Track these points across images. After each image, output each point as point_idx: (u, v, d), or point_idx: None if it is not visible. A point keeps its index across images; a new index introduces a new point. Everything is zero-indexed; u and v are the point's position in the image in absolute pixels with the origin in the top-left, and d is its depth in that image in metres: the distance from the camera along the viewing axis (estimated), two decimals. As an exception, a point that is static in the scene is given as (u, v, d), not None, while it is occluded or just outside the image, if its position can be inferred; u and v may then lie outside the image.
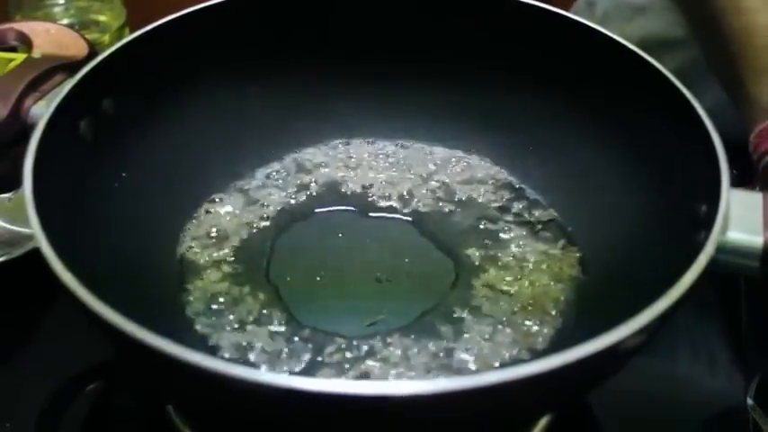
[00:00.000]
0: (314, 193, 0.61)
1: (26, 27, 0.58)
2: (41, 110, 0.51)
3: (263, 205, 0.59)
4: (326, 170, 0.62)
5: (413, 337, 0.50)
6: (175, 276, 0.54)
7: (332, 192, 0.61)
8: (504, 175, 0.62)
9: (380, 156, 0.63)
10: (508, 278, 0.54)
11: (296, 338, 0.50)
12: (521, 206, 0.59)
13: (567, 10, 0.58)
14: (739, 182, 0.46)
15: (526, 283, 0.54)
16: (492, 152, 0.63)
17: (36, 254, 0.40)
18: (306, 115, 0.63)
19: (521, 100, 0.61)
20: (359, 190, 0.61)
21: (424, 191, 0.61)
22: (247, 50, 0.60)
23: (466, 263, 0.55)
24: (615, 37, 0.55)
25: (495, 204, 0.60)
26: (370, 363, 0.49)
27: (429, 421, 0.38)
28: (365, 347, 0.50)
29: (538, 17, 0.58)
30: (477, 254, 0.56)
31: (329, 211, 0.60)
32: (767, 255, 0.44)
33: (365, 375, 0.48)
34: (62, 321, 0.59)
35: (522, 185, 0.61)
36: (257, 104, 0.61)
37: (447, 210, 0.59)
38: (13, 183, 0.45)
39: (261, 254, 0.56)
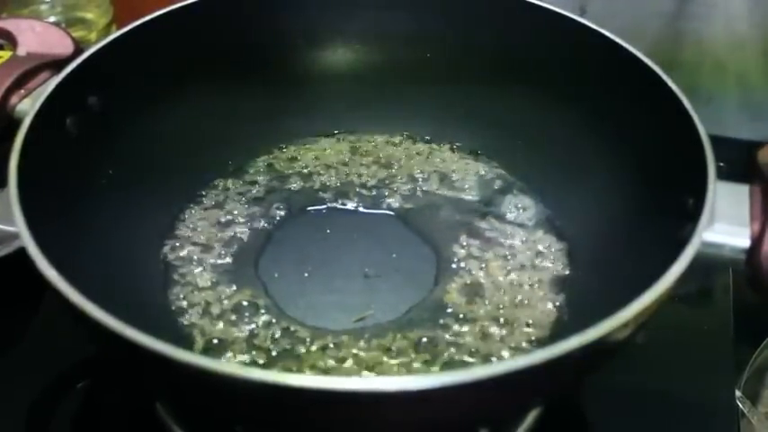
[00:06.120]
0: (302, 189, 0.60)
1: (11, 24, 0.57)
2: (27, 107, 0.51)
3: (250, 202, 0.59)
4: (314, 166, 0.62)
5: (401, 332, 0.50)
6: (162, 273, 0.54)
7: (320, 187, 0.61)
8: (492, 169, 0.62)
9: (369, 151, 0.63)
10: (496, 272, 0.54)
11: (284, 334, 0.50)
12: (508, 200, 0.59)
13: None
14: (726, 174, 0.46)
15: (514, 277, 0.54)
16: (480, 146, 0.63)
17: (22, 252, 0.40)
18: (293, 111, 0.63)
19: (509, 95, 0.61)
20: (346, 185, 0.61)
21: (412, 186, 0.61)
22: (234, 47, 0.60)
23: (454, 257, 0.55)
24: (604, 32, 0.55)
25: (483, 198, 0.60)
26: (358, 358, 0.49)
27: (417, 416, 0.38)
28: (353, 343, 0.50)
29: (526, 12, 0.58)
30: (465, 248, 0.56)
31: (317, 206, 0.60)
32: (754, 247, 0.44)
33: (353, 371, 0.48)
34: (50, 320, 0.59)
35: (510, 179, 0.61)
36: (244, 101, 0.61)
37: (435, 204, 0.60)
38: (-1, 181, 0.45)
39: (249, 250, 0.56)
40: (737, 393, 0.54)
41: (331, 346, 0.50)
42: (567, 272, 0.54)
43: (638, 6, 0.77)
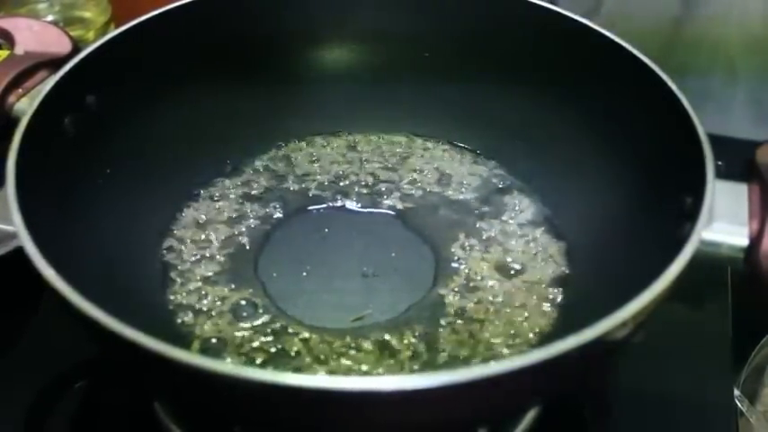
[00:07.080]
0: (300, 189, 0.60)
1: (9, 24, 0.57)
2: (25, 106, 0.51)
3: (248, 201, 0.59)
4: (313, 165, 0.62)
5: (399, 331, 0.50)
6: (160, 272, 0.54)
7: (318, 187, 0.61)
8: (490, 168, 0.62)
9: (368, 150, 0.63)
10: (495, 272, 0.54)
11: (282, 334, 0.50)
12: (507, 200, 0.59)
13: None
14: (725, 173, 0.46)
15: (513, 277, 0.54)
16: (479, 146, 0.63)
17: (20, 252, 0.40)
18: (291, 111, 0.63)
19: (508, 94, 0.61)
20: (345, 185, 0.61)
21: (411, 185, 0.61)
22: (232, 46, 0.60)
23: (452, 257, 0.55)
24: (604, 31, 0.55)
25: (482, 198, 0.59)
26: (356, 358, 0.49)
27: (416, 416, 0.38)
28: (351, 342, 0.50)
29: (527, 11, 0.58)
30: (464, 248, 0.56)
31: (316, 206, 0.60)
32: (752, 246, 0.44)
33: (351, 371, 0.48)
34: (48, 320, 0.59)
35: (509, 179, 0.61)
36: (242, 100, 0.61)
37: (433, 204, 0.59)
38: (-3, 180, 0.45)
39: (247, 249, 0.56)
40: (736, 392, 0.54)
41: (329, 345, 0.49)
42: (566, 271, 0.54)
43: (650, 8, 0.77)
